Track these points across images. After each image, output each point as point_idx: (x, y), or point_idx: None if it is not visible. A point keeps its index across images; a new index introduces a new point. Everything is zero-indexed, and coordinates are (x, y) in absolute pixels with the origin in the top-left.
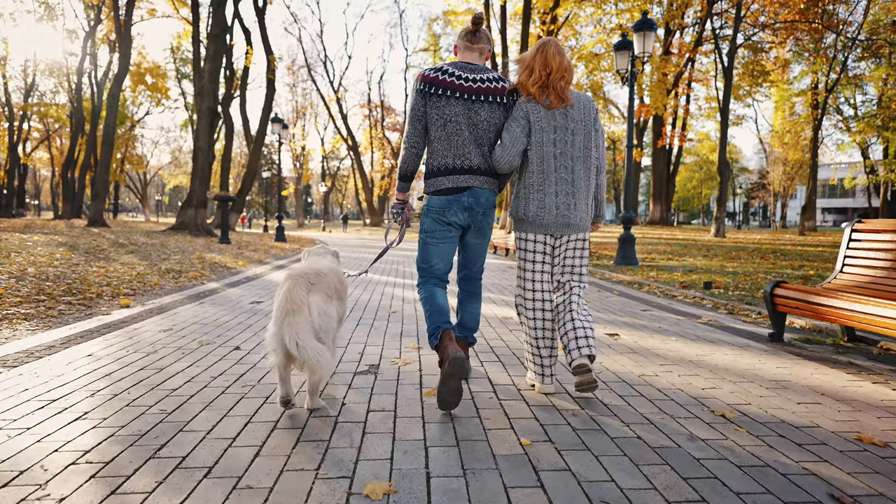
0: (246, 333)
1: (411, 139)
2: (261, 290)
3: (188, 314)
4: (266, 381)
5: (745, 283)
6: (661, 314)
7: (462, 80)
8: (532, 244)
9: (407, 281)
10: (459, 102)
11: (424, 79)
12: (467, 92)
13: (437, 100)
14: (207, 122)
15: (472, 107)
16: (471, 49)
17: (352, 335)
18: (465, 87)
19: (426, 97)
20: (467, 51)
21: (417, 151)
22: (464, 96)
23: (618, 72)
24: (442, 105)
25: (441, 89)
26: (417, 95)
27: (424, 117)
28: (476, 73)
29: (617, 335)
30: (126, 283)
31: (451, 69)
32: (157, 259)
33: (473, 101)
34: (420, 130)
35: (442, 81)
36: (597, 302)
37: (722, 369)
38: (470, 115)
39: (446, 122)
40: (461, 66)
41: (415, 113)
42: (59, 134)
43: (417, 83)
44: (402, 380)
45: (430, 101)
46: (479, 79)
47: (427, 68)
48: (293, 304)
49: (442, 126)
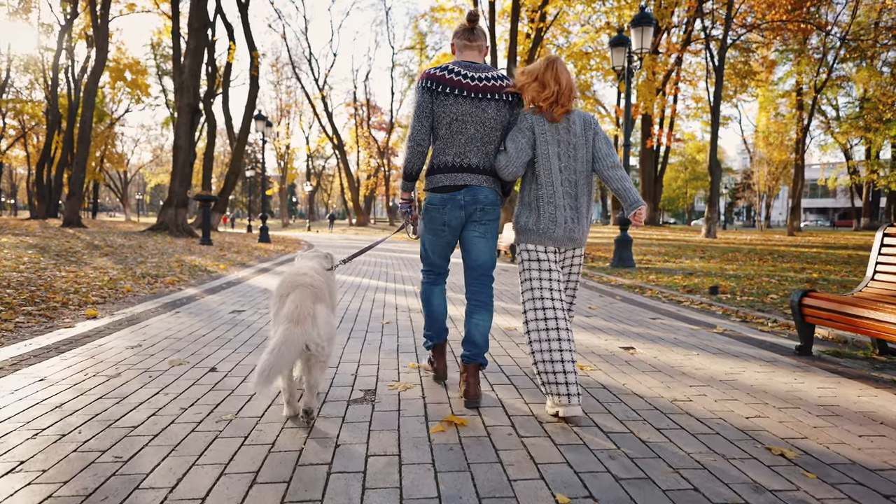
0: (224, 350)
1: (417, 137)
2: (242, 298)
3: (161, 326)
4: (245, 413)
5: (750, 288)
6: (673, 323)
7: (469, 78)
8: (544, 254)
9: (398, 286)
10: (467, 101)
11: (431, 77)
12: (475, 90)
13: (445, 98)
14: (188, 119)
15: (479, 105)
16: (470, 47)
17: (343, 351)
18: (472, 85)
19: (434, 95)
20: (467, 49)
21: (423, 150)
22: (471, 95)
23: (613, 69)
24: (450, 103)
25: (449, 87)
26: (425, 93)
27: (432, 115)
28: (481, 72)
29: (633, 349)
30: (96, 290)
31: (457, 68)
32: (132, 262)
33: (481, 100)
34: (427, 128)
35: (450, 80)
36: (602, 309)
37: (759, 391)
38: (478, 114)
39: (452, 120)
40: (466, 65)
41: (422, 110)
42: (36, 131)
43: (424, 81)
44: (404, 410)
45: (437, 100)
46: (486, 77)
47: (432, 67)
48: (301, 314)
49: (448, 125)
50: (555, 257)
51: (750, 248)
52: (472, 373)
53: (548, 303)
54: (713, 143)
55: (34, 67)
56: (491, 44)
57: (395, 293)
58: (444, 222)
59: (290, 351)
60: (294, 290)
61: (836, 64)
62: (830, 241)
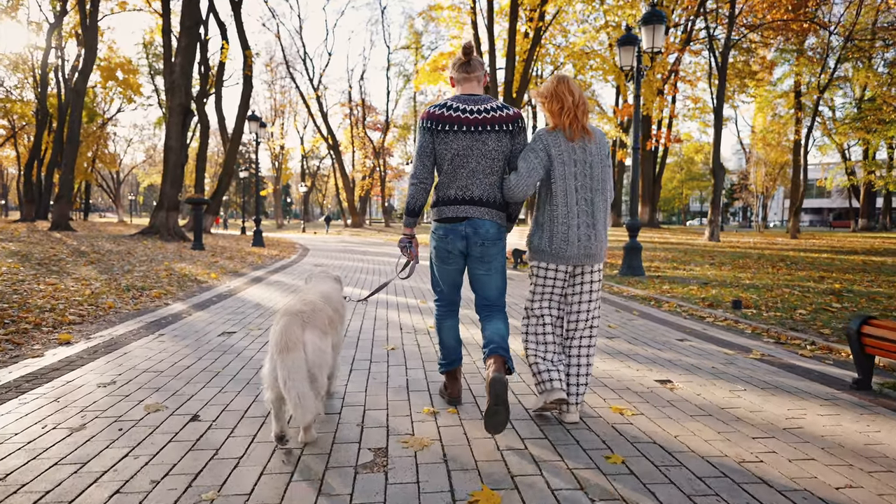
0: (210, 389)
1: (419, 175)
2: (233, 316)
3: (141, 355)
4: (231, 488)
5: (773, 301)
6: (704, 346)
7: (467, 112)
8: (553, 273)
9: (400, 299)
10: (466, 136)
11: (430, 117)
12: (473, 124)
13: (445, 136)
14: (179, 119)
15: (479, 137)
16: (468, 79)
17: (346, 389)
18: (470, 119)
19: (434, 134)
20: (465, 82)
21: (426, 187)
22: (471, 129)
23: (621, 69)
24: (449, 140)
25: (448, 125)
26: (426, 133)
27: (433, 154)
28: (479, 104)
29: (670, 382)
30: (75, 307)
31: (454, 104)
32: (119, 271)
33: (481, 132)
34: (428, 167)
35: (448, 118)
36: (623, 328)
37: (834, 445)
38: (479, 147)
39: (454, 155)
40: (463, 100)
41: (423, 150)
42: (28, 131)
43: (424, 121)
44: (424, 481)
45: (437, 138)
46: (484, 109)
47: (431, 106)
48: (288, 342)
49: (450, 160)
50: (564, 276)
51: (758, 253)
52: (499, 363)
53: (547, 317)
54: (716, 144)
55: (24, 66)
56: (490, 44)
57: (398, 308)
58: (449, 251)
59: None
60: (282, 317)
61: (838, 64)
62: (836, 244)
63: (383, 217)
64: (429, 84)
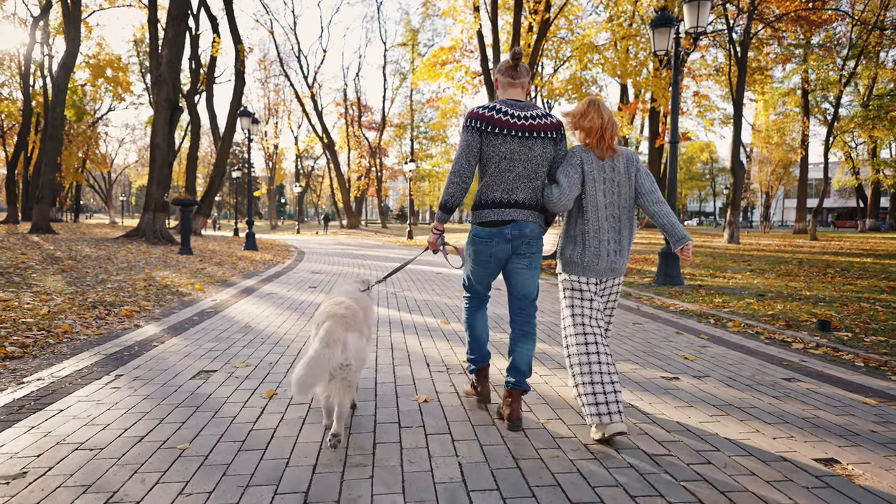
0: (164, 488)
1: (463, 174)
2: (215, 343)
3: (81, 413)
4: None
5: (859, 319)
6: (825, 390)
7: (515, 118)
8: (585, 285)
9: (416, 318)
10: (515, 140)
11: (479, 117)
12: (521, 129)
13: (494, 138)
14: (166, 115)
15: (526, 143)
16: (513, 85)
17: (373, 485)
18: (518, 125)
19: (483, 135)
20: (511, 87)
21: (467, 186)
22: (518, 134)
23: (655, 54)
24: (498, 143)
25: (498, 127)
26: (474, 133)
27: (479, 154)
28: (526, 111)
29: (837, 463)
30: (21, 331)
31: (504, 108)
32: (91, 282)
33: (527, 139)
34: (474, 166)
35: (498, 120)
36: (703, 361)
37: None
38: (525, 152)
39: (501, 158)
40: (510, 104)
41: (470, 149)
42: (16, 131)
43: (472, 121)
44: None
45: (486, 139)
46: (530, 115)
47: (478, 106)
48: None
49: (497, 163)
50: (595, 288)
51: (791, 257)
52: (516, 398)
53: (588, 328)
54: (735, 141)
55: (10, 64)
56: (493, 36)
57: (416, 331)
58: (491, 254)
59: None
60: (328, 319)
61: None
62: (863, 246)
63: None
64: (428, 80)
